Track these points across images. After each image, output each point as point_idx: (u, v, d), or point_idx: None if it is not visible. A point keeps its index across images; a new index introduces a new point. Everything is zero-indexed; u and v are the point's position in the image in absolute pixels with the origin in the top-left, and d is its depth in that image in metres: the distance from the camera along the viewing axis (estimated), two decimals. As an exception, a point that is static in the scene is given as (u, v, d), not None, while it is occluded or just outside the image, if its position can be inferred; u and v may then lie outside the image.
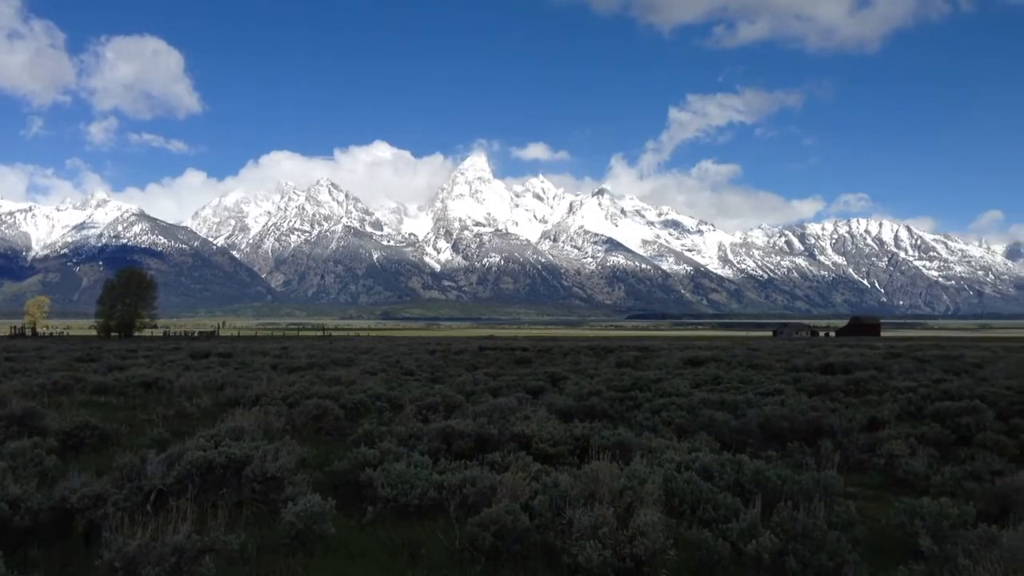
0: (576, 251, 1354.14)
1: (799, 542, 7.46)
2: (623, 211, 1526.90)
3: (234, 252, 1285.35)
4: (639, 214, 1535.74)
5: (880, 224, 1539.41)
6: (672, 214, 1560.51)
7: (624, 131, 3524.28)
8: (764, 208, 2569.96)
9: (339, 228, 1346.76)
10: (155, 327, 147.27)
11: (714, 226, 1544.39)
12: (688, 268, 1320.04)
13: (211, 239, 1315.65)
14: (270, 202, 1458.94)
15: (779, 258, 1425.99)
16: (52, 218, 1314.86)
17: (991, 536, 7.32)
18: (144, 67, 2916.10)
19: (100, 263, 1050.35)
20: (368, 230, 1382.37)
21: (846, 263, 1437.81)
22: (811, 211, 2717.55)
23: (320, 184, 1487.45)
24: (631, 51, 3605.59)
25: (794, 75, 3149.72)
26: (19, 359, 39.89)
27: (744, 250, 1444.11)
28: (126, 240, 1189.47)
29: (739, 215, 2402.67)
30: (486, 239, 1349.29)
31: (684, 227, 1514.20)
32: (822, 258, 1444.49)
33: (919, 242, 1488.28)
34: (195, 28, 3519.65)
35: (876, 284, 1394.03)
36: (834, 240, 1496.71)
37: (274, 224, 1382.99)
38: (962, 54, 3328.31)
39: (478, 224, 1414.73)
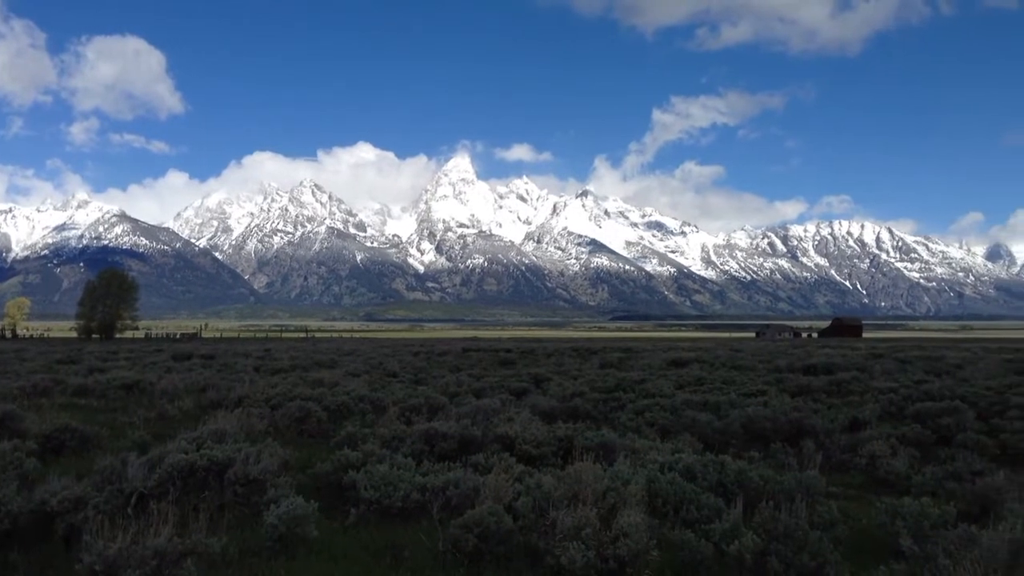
0: (560, 252, 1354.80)
1: (781, 542, 7.49)
2: (607, 212, 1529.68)
3: (216, 253, 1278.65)
4: (623, 215, 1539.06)
5: (862, 226, 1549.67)
6: (655, 215, 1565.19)
7: (608, 132, 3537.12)
8: (747, 210, 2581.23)
9: (322, 229, 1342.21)
10: (137, 329, 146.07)
11: (697, 227, 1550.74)
12: (671, 269, 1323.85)
13: (193, 240, 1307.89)
14: (253, 203, 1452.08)
15: (762, 259, 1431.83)
16: (32, 219, 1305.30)
17: (971, 536, 7.37)
18: (125, 67, 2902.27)
19: (81, 264, 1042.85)
20: (351, 231, 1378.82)
21: (828, 264, 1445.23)
22: (794, 213, 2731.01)
23: (303, 185, 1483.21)
24: (614, 53, 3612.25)
25: (777, 77, 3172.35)
26: (-2, 361, 39.55)
27: (727, 251, 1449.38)
28: (107, 241, 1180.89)
29: (722, 216, 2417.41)
30: (470, 240, 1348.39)
31: (667, 228, 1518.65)
32: (804, 259, 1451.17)
33: (900, 244, 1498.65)
34: (177, 28, 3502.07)
35: (858, 285, 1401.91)
36: (816, 242, 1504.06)
37: (257, 225, 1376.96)
38: (943, 57, 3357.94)
39: (462, 225, 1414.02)
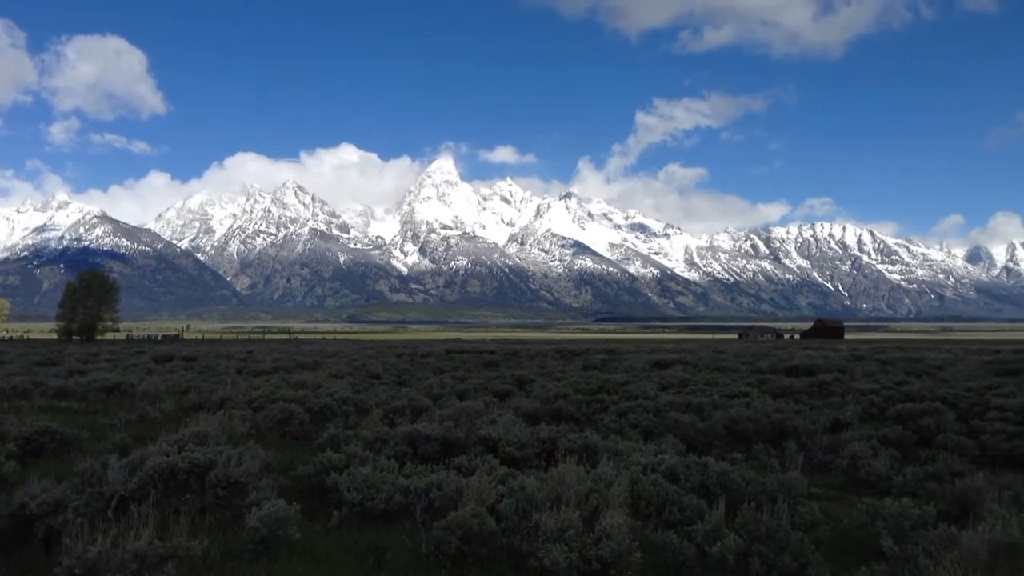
0: (543, 254, 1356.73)
1: (763, 543, 7.50)
2: (590, 214, 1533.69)
3: (199, 255, 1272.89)
4: (606, 217, 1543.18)
5: (844, 228, 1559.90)
6: (639, 217, 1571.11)
7: (591, 134, 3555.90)
8: (730, 212, 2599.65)
9: (305, 231, 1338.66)
10: (118, 330, 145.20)
11: (680, 229, 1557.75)
12: (655, 271, 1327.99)
13: (175, 241, 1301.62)
14: (235, 204, 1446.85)
15: (745, 261, 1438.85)
16: (12, 220, 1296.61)
17: (951, 536, 7.41)
18: (106, 67, 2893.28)
19: (61, 266, 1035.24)
20: (335, 233, 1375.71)
21: (810, 266, 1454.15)
22: (776, 215, 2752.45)
23: (286, 186, 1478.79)
24: (598, 55, 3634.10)
25: (759, 80, 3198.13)
26: (-23, 363, 39.17)
27: (710, 253, 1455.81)
28: (88, 242, 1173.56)
29: (705, 218, 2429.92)
30: (453, 242, 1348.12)
31: (651, 230, 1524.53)
32: (787, 261, 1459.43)
33: (882, 246, 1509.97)
34: (159, 27, 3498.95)
35: (840, 287, 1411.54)
36: (799, 244, 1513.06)
37: (239, 227, 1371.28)
38: (924, 60, 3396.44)
39: (445, 227, 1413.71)
